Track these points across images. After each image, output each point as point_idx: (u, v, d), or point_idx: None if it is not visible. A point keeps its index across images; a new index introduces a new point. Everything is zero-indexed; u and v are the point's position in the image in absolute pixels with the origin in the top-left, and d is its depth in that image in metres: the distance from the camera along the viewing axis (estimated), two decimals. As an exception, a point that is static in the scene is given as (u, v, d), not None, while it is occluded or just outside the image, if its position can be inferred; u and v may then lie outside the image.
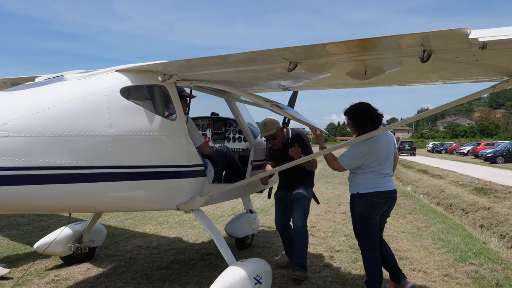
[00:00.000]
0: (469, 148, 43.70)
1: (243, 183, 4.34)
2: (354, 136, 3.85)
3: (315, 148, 4.97)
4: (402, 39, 2.33)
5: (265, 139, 4.93)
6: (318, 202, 5.86)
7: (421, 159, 34.89)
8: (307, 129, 5.69)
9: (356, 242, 6.28)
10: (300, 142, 4.67)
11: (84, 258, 5.15)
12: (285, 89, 4.29)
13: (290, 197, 4.79)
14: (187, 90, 4.18)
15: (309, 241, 6.23)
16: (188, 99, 4.15)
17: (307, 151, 4.64)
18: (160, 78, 3.64)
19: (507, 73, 2.87)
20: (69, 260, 5.03)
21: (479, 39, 2.00)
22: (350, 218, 8.95)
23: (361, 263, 5.28)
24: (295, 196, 4.72)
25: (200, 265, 5.11)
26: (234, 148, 5.21)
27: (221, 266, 4.34)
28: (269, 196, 6.21)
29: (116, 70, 3.56)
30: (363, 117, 3.74)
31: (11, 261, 5.16)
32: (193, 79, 3.71)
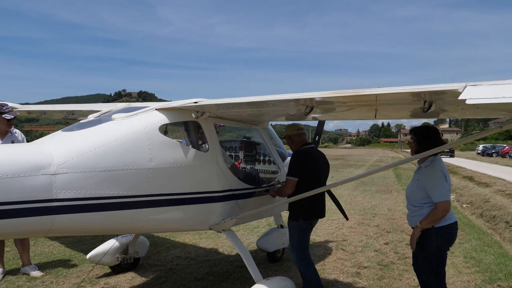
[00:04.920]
0: (523, 151, 41.11)
1: (272, 206, 4.71)
2: (410, 153, 3.86)
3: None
4: (403, 94, 2.58)
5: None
6: (347, 218, 6.07)
7: (468, 163, 33.08)
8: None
9: (384, 258, 6.46)
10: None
11: (129, 267, 5.75)
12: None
13: None
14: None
15: (336, 257, 6.48)
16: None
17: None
18: (193, 115, 4.09)
19: None
20: (116, 269, 5.64)
21: (467, 102, 2.17)
22: (384, 232, 8.90)
23: (386, 280, 5.47)
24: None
25: (233, 278, 5.52)
26: (264, 170, 5.58)
27: (252, 279, 4.69)
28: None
29: (155, 109, 4.06)
30: (427, 137, 3.74)
31: (69, 266, 5.88)
32: (224, 117, 4.14)
